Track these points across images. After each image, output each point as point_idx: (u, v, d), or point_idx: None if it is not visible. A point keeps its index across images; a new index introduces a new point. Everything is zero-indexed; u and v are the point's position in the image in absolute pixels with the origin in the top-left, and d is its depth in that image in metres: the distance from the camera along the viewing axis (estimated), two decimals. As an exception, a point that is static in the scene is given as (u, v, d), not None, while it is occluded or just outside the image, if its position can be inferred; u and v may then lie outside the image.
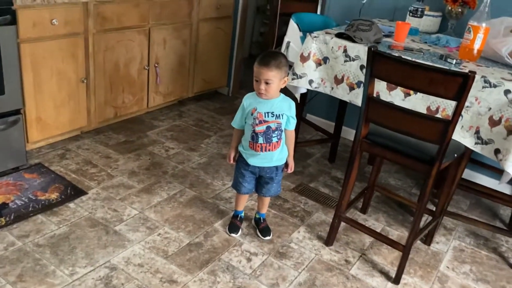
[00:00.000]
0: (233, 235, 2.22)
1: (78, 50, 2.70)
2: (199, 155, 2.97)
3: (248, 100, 1.99)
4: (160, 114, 3.51)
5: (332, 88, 2.40)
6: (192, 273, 1.95)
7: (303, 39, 2.56)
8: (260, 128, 1.97)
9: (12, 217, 2.13)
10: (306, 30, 2.57)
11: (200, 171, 2.78)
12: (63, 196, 2.33)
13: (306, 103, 2.91)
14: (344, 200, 2.16)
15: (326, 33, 2.45)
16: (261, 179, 2.15)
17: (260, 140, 1.99)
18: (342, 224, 2.30)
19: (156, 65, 3.26)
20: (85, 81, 2.80)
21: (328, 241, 2.24)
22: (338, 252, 2.20)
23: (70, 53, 2.66)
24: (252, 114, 1.97)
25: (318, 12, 3.33)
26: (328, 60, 2.38)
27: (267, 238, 2.23)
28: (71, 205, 2.29)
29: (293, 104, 2.01)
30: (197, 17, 3.47)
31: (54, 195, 2.33)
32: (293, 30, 2.69)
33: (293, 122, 2.03)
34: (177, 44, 3.38)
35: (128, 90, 3.13)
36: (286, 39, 2.72)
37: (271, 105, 1.96)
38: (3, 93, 2.32)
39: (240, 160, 2.12)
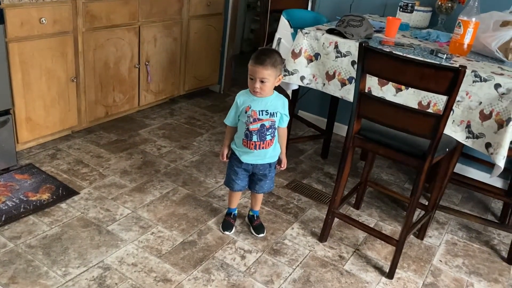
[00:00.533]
0: (226, 233, 2.22)
1: (67, 48, 2.67)
2: (192, 153, 2.96)
3: (242, 98, 1.98)
4: (152, 112, 3.49)
5: (324, 84, 2.40)
6: (186, 272, 1.95)
7: (294, 35, 2.56)
8: (254, 126, 1.96)
9: (3, 219, 2.11)
10: (297, 27, 2.57)
11: (192, 169, 2.77)
12: (54, 197, 2.31)
13: (298, 99, 2.91)
14: (337, 196, 2.17)
15: (317, 29, 2.45)
16: (254, 176, 2.14)
17: (254, 138, 1.98)
18: (336, 220, 2.30)
19: (147, 63, 3.24)
20: (75, 80, 2.78)
21: (322, 237, 2.24)
22: (332, 248, 2.21)
23: (59, 52, 2.63)
24: (246, 112, 1.96)
25: (309, 8, 3.33)
26: (319, 56, 2.38)
27: (261, 235, 2.23)
28: (63, 205, 2.27)
29: (286, 101, 2.01)
30: (187, 14, 3.45)
31: (45, 196, 2.31)
32: (284, 26, 2.68)
33: (286, 120, 2.03)
34: (167, 41, 3.36)
35: (119, 88, 3.11)
36: (277, 36, 2.71)
37: (265, 103, 1.95)
38: (-9, 93, 2.29)
39: (233, 158, 2.11)
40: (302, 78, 2.44)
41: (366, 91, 2.05)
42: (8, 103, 2.40)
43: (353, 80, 2.28)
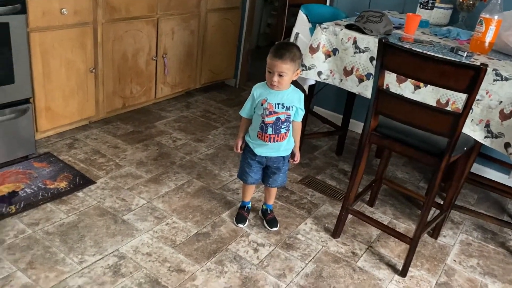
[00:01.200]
0: (240, 225, 2.23)
1: (87, 39, 2.70)
2: (206, 146, 2.97)
3: (259, 90, 1.99)
4: (168, 105, 3.51)
5: (341, 80, 2.39)
6: (199, 263, 1.97)
7: (312, 30, 2.55)
8: (270, 119, 1.97)
9: (22, 205, 2.15)
10: (315, 22, 2.56)
11: (207, 162, 2.79)
12: (71, 185, 2.35)
13: (314, 95, 2.90)
14: (351, 193, 2.16)
15: (336, 24, 2.43)
16: (268, 169, 2.15)
17: (269, 130, 1.99)
18: (349, 216, 2.30)
19: (164, 55, 3.26)
20: (93, 71, 2.81)
21: (335, 233, 2.24)
22: (345, 244, 2.21)
23: (79, 42, 2.66)
24: (262, 105, 1.96)
25: (327, 4, 3.31)
26: (337, 52, 2.37)
27: (274, 229, 2.24)
28: (80, 194, 2.31)
29: (302, 95, 2.01)
30: (205, 7, 3.45)
31: (63, 184, 2.35)
32: (302, 21, 2.68)
33: (301, 114, 2.03)
34: (185, 34, 3.38)
35: (136, 80, 3.14)
36: (295, 30, 2.70)
37: (282, 97, 1.95)
38: (13, 82, 2.33)
39: (247, 150, 2.12)
40: (319, 73, 2.43)
41: (384, 87, 2.03)
42: (29, 92, 2.44)
43: (371, 77, 2.27)
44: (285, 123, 1.99)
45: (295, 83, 2.15)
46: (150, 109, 3.38)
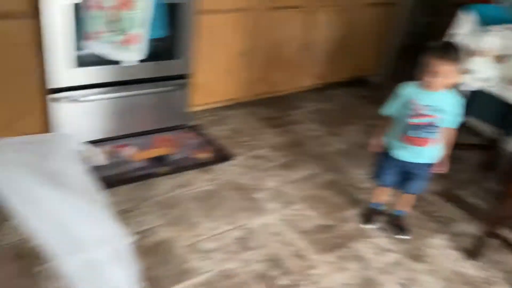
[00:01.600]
0: (367, 226, 2.18)
1: (244, 25, 2.86)
2: (340, 141, 2.95)
3: (407, 89, 1.90)
4: (308, 95, 3.55)
5: (506, 90, 2.15)
6: (321, 253, 1.98)
7: (477, 32, 2.33)
8: (416, 121, 1.87)
9: (171, 168, 2.40)
10: (482, 23, 2.33)
11: (339, 156, 2.77)
12: (214, 158, 2.54)
13: (470, 102, 2.66)
14: (499, 215, 1.95)
15: (508, 28, 2.19)
16: (405, 174, 2.04)
17: (413, 133, 1.89)
18: (491, 241, 2.08)
19: (312, 47, 3.29)
20: (245, 55, 2.97)
21: (472, 254, 2.05)
22: (481, 269, 2.01)
23: (236, 27, 2.83)
24: (409, 105, 1.87)
25: (499, 4, 2.98)
26: (506, 58, 2.13)
27: (403, 237, 2.13)
28: (220, 166, 2.49)
29: (459, 101, 1.86)
30: (359, 2, 3.39)
31: (206, 155, 2.55)
32: (465, 22, 2.46)
33: (456, 120, 1.87)
34: (335, 27, 3.36)
35: (282, 68, 3.23)
36: (456, 31, 2.50)
37: (433, 98, 1.83)
38: (178, 58, 2.59)
39: (385, 151, 2.04)
40: (481, 79, 2.22)
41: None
42: (189, 69, 2.68)
43: (544, 90, 2.00)
44: (432, 127, 1.87)
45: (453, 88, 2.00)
46: (291, 98, 3.46)
